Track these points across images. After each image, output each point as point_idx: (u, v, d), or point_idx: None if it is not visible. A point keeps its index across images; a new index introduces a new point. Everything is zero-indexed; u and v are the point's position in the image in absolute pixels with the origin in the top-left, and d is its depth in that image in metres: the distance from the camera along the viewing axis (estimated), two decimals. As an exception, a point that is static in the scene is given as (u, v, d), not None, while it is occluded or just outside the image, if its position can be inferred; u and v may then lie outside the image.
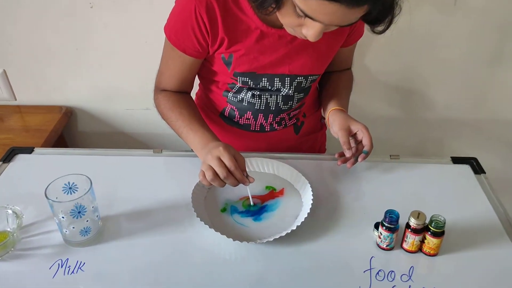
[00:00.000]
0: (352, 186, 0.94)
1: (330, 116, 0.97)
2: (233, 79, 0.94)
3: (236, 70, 0.91)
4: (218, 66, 0.93)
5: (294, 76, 0.94)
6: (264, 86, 0.95)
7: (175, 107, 0.94)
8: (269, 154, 1.02)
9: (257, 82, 0.94)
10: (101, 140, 1.52)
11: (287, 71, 0.93)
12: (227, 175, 0.79)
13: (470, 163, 1.00)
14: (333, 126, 0.94)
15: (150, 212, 0.86)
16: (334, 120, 0.94)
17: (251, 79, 0.93)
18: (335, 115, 0.95)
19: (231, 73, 0.92)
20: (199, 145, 0.88)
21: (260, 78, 0.93)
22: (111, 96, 1.42)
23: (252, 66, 0.91)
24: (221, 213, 0.86)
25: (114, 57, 1.34)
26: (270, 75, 0.93)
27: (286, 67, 0.92)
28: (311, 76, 0.96)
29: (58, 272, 0.74)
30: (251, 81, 0.94)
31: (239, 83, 0.94)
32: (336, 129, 0.92)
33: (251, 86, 0.95)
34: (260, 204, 0.88)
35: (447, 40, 1.28)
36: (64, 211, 0.75)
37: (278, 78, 0.94)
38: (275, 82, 0.94)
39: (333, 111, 0.97)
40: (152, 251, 0.78)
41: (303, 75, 0.95)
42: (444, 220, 0.75)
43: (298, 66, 0.92)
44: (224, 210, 0.87)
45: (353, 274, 0.75)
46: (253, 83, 0.94)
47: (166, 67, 0.95)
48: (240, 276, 0.74)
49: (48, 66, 1.36)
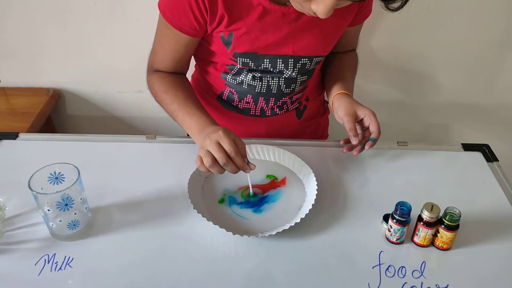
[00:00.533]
0: (358, 175, 0.89)
1: (335, 101, 0.91)
2: (233, 60, 0.88)
3: (236, 51, 0.85)
4: (217, 46, 0.86)
5: (298, 58, 0.88)
6: (266, 68, 0.89)
7: (169, 89, 0.89)
8: (269, 140, 0.97)
9: (259, 63, 0.88)
10: (91, 124, 1.48)
11: (290, 52, 0.87)
12: (227, 161, 0.73)
13: (482, 150, 0.95)
14: (338, 111, 0.89)
15: (144, 203, 0.81)
16: (339, 105, 0.89)
17: (252, 60, 0.87)
18: (340, 99, 0.90)
19: (230, 54, 0.86)
20: (196, 129, 0.82)
21: (262, 59, 0.87)
22: (101, 77, 1.38)
23: (254, 46, 0.84)
24: (219, 204, 0.81)
25: (104, 36, 1.28)
26: (272, 56, 0.87)
27: (290, 48, 0.86)
28: (316, 57, 0.90)
29: (44, 269, 0.69)
30: (252, 63, 0.87)
31: (239, 64, 0.88)
32: (342, 115, 0.87)
33: (252, 67, 0.89)
34: (261, 195, 0.83)
35: (456, 22, 1.22)
36: (50, 203, 0.70)
37: (280, 59, 0.87)
38: (278, 64, 0.88)
39: (338, 95, 0.91)
40: (146, 246, 0.73)
41: (307, 56, 0.89)
42: (459, 213, 0.70)
43: (302, 46, 0.86)
44: (222, 201, 0.81)
45: (361, 270, 0.70)
46: (254, 65, 0.88)
47: (160, 46, 0.89)
48: (240, 272, 0.70)
49: (34, 45, 1.31)
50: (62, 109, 1.44)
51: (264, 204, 0.81)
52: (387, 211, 0.78)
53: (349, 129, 0.85)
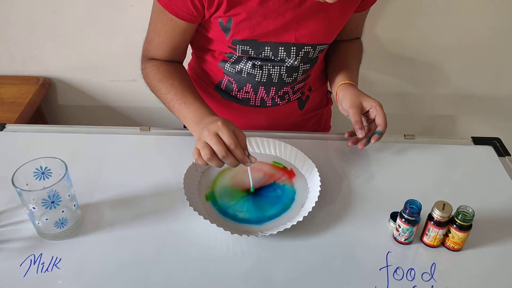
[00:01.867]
0: (363, 170, 0.85)
1: (339, 91, 0.86)
2: (231, 48, 0.83)
3: (235, 38, 0.80)
4: (215, 32, 0.81)
5: (301, 45, 0.83)
6: (267, 56, 0.84)
7: (165, 78, 0.84)
8: (269, 132, 0.92)
9: (259, 51, 0.83)
10: (83, 115, 1.43)
11: (293, 39, 0.82)
12: (226, 154, 0.68)
13: (493, 144, 0.91)
14: (342, 103, 0.84)
15: (137, 199, 0.77)
16: (344, 96, 0.84)
17: (252, 48, 0.82)
18: (344, 90, 0.85)
19: (229, 41, 0.81)
20: (194, 120, 0.78)
21: (263, 47, 0.82)
22: (93, 66, 1.32)
23: (254, 32, 0.79)
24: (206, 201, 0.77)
25: (96, 21, 1.23)
26: (273, 44, 0.82)
27: (292, 35, 0.81)
28: (320, 45, 0.85)
29: (30, 270, 0.65)
30: (252, 50, 0.82)
31: (238, 52, 0.83)
32: (347, 106, 0.82)
33: (252, 55, 0.84)
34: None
35: (465, 10, 1.17)
36: (35, 201, 0.65)
37: (283, 47, 0.82)
38: (280, 52, 0.83)
39: (342, 85, 0.87)
40: (140, 245, 0.69)
41: (311, 44, 0.84)
42: (472, 212, 0.66)
43: (306, 33, 0.81)
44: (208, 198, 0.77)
45: (368, 271, 0.66)
46: (254, 53, 0.83)
47: (155, 33, 0.84)
48: (239, 273, 0.66)
49: (22, 31, 1.25)
50: (53, 98, 1.40)
51: (264, 200, 0.76)
52: (394, 209, 0.74)
53: (355, 122, 0.80)
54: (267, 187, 0.79)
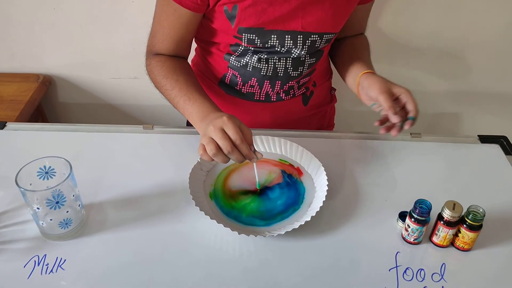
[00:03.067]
0: (370, 169, 0.84)
1: (363, 80, 0.83)
2: (237, 38, 0.82)
3: (241, 25, 0.79)
4: (220, 22, 0.80)
5: (307, 34, 0.82)
6: (273, 45, 0.83)
7: (170, 74, 0.83)
8: (275, 131, 0.91)
9: (265, 40, 0.82)
10: (84, 113, 1.42)
11: (299, 28, 0.81)
12: (232, 150, 0.67)
13: (500, 142, 0.90)
14: (369, 91, 0.81)
15: (141, 199, 0.76)
16: (371, 84, 0.81)
17: (258, 37, 0.81)
18: (369, 78, 0.82)
19: (235, 29, 0.80)
20: (198, 116, 0.76)
21: (269, 35, 0.81)
22: (94, 63, 1.31)
23: (260, 20, 0.78)
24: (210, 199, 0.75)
25: (96, 18, 1.22)
26: (280, 32, 0.81)
27: (299, 22, 0.80)
28: (327, 34, 0.84)
29: (34, 271, 0.64)
30: (258, 39, 0.82)
31: (244, 42, 0.82)
32: (376, 93, 0.79)
33: (258, 45, 0.83)
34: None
35: (472, 5, 1.16)
36: (39, 201, 0.64)
37: (289, 35, 0.82)
38: (286, 41, 0.82)
39: (365, 74, 0.84)
40: (144, 245, 0.68)
41: (317, 33, 0.83)
42: (483, 212, 0.65)
43: (312, 21, 0.81)
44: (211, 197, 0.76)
45: (377, 272, 0.65)
46: (260, 42, 0.82)
47: (160, 26, 0.83)
48: (246, 274, 0.65)
49: (22, 28, 1.24)
50: (53, 96, 1.38)
51: (270, 199, 0.76)
52: (402, 208, 0.73)
53: (389, 107, 0.77)
54: (274, 185, 0.78)
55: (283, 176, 0.80)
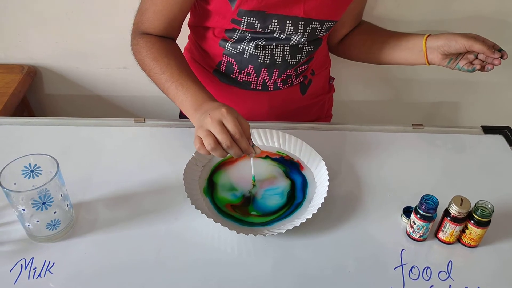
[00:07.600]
0: (372, 162, 0.81)
1: (434, 41, 0.83)
2: (235, 23, 0.79)
3: (242, 7, 0.75)
4: (219, 3, 0.77)
5: (309, 21, 0.80)
6: (273, 30, 0.80)
7: (161, 57, 0.78)
8: (272, 123, 0.88)
9: (266, 24, 0.79)
10: (72, 105, 1.38)
11: (301, 13, 0.78)
12: (231, 144, 0.64)
13: (504, 133, 0.88)
14: (450, 47, 0.80)
15: (133, 197, 0.72)
16: (446, 40, 0.80)
17: (258, 21, 0.78)
18: (438, 37, 0.82)
19: (234, 12, 0.76)
20: (192, 106, 0.72)
21: (270, 19, 0.78)
22: (81, 52, 1.26)
23: (262, 3, 0.75)
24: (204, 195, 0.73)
25: (83, 6, 1.16)
26: (281, 17, 0.78)
27: (301, 7, 0.77)
28: (328, 22, 0.82)
29: (21, 276, 0.61)
30: (259, 24, 0.78)
31: (243, 26, 0.79)
32: (462, 42, 0.78)
33: (258, 30, 0.80)
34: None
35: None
36: (25, 201, 0.60)
37: (290, 21, 0.79)
38: (287, 26, 0.79)
39: (430, 36, 0.84)
40: (138, 246, 0.65)
41: (319, 20, 0.81)
42: (492, 207, 0.63)
43: (314, 7, 0.78)
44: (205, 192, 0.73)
45: (382, 271, 0.63)
46: (260, 26, 0.79)
47: (152, 2, 0.78)
48: (245, 275, 0.62)
49: (3, 15, 1.18)
50: (39, 88, 1.33)
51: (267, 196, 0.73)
52: (406, 203, 0.71)
53: (490, 46, 0.77)
54: (272, 180, 0.75)
55: (282, 171, 0.77)
